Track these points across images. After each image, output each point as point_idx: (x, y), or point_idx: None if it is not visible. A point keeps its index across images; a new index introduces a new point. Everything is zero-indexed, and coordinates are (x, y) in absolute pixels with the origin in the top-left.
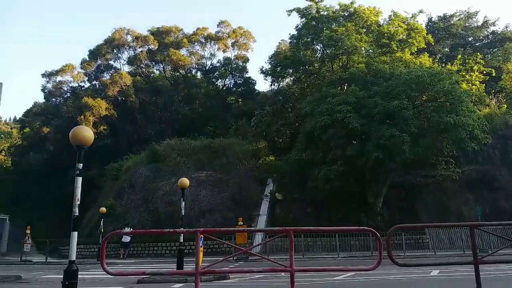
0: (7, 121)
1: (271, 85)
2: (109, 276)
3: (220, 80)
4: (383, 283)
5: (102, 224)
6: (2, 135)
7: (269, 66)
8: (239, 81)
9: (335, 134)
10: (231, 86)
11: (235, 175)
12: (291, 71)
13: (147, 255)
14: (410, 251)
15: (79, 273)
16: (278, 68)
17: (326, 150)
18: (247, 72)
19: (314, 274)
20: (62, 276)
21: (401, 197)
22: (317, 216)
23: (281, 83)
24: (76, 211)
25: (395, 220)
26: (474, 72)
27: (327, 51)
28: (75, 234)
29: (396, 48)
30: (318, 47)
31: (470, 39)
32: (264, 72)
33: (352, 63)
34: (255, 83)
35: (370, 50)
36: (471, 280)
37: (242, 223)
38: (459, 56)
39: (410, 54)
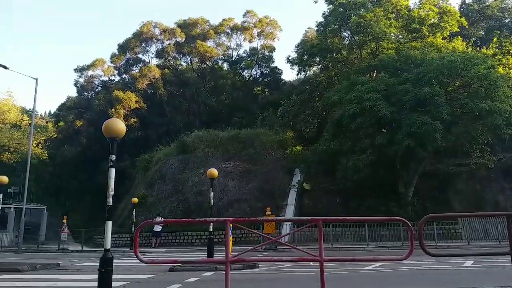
0: (43, 116)
1: (297, 74)
2: (142, 264)
3: (246, 71)
4: (415, 273)
5: (134, 214)
6: (38, 129)
7: (296, 55)
8: (265, 71)
9: (364, 123)
10: (257, 76)
11: (263, 165)
12: (318, 59)
13: (178, 244)
14: (442, 242)
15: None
16: (305, 57)
17: (355, 139)
18: (273, 61)
19: (343, 264)
20: (97, 264)
21: (433, 186)
22: (345, 206)
23: (308, 72)
24: (110, 201)
25: (426, 210)
26: (511, 55)
27: (355, 38)
28: (110, 223)
29: (427, 33)
30: (346, 34)
31: (506, 21)
32: (291, 61)
33: (381, 50)
34: (282, 72)
35: (400, 36)
36: (507, 271)
37: (270, 213)
38: (495, 39)
39: (442, 39)
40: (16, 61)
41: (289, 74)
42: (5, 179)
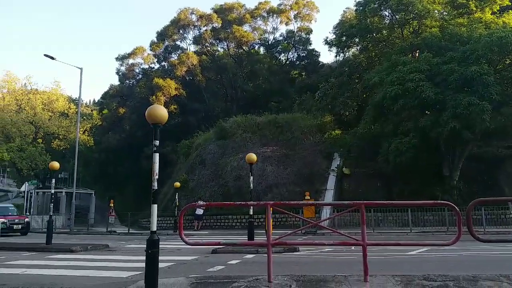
0: (88, 104)
1: (336, 56)
2: (186, 246)
3: (283, 54)
4: (463, 259)
5: (177, 197)
6: (84, 117)
7: (334, 36)
8: (302, 54)
9: (406, 105)
10: (294, 59)
11: (301, 150)
12: (357, 40)
13: (219, 227)
14: (491, 227)
15: None
16: (344, 38)
17: (396, 122)
18: (310, 44)
19: (386, 249)
20: (143, 245)
21: (480, 170)
22: (387, 190)
23: (347, 54)
24: (155, 185)
25: (473, 194)
26: None
27: (396, 16)
28: (155, 206)
29: (474, 8)
30: (387, 13)
31: None
32: (329, 43)
33: (424, 28)
34: (319, 55)
35: (445, 13)
36: None
37: (309, 198)
38: None
39: (491, 14)
40: (62, 52)
41: (327, 56)
42: (56, 165)
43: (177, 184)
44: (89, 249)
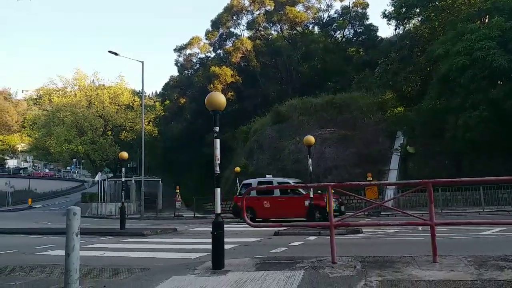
0: (150, 96)
1: (395, 29)
2: (249, 228)
3: (338, 32)
4: None
5: (238, 182)
6: (147, 109)
7: (392, 9)
8: (359, 30)
9: (475, 76)
10: (351, 36)
11: (361, 130)
12: (418, 10)
13: None
14: None
15: None
16: (403, 9)
17: (464, 95)
18: (367, 19)
19: (456, 229)
20: (209, 228)
21: None
22: (456, 168)
23: (407, 26)
24: (218, 169)
25: None
26: None
27: None
28: (218, 190)
29: None
30: None
31: None
32: (387, 16)
33: None
34: (377, 29)
35: None
36: None
37: (371, 179)
38: None
39: None
40: (124, 47)
41: (386, 30)
42: (125, 154)
43: (237, 169)
44: (159, 233)
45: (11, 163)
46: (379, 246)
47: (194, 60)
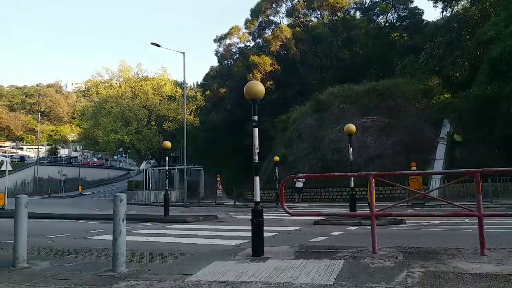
0: (192, 87)
1: (442, 11)
2: (288, 217)
3: (381, 17)
4: None
5: (277, 171)
6: (189, 99)
7: None
8: (403, 14)
9: None
10: (394, 21)
11: (405, 118)
12: None
13: (319, 200)
14: None
15: None
16: None
17: None
18: (412, 2)
19: (505, 220)
20: (249, 216)
21: None
22: (507, 157)
23: (455, 8)
24: (256, 158)
25: None
26: None
27: None
28: (257, 178)
29: None
30: None
31: None
32: None
33: None
34: (422, 13)
35: None
36: None
37: (415, 169)
38: None
39: None
40: (166, 39)
41: (432, 13)
42: (168, 144)
43: (276, 158)
44: (201, 220)
45: (63, 152)
46: (423, 237)
47: (234, 50)
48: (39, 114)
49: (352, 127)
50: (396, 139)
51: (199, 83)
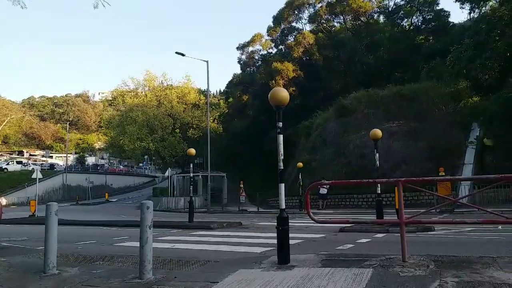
0: (215, 94)
1: (469, 13)
2: (313, 224)
3: (405, 20)
4: None
5: (300, 177)
6: (212, 106)
7: None
8: (428, 17)
9: None
10: (419, 24)
11: (432, 122)
12: None
13: (343, 206)
14: None
15: None
16: None
17: None
18: (437, 4)
19: None
20: (273, 223)
21: None
22: None
23: (484, 8)
24: (281, 165)
25: None
26: None
27: None
28: (282, 185)
29: None
30: None
31: None
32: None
33: None
34: (449, 15)
35: None
36: None
37: (443, 174)
38: None
39: None
40: (189, 47)
41: (458, 15)
42: (193, 151)
43: (300, 164)
44: (225, 226)
45: (90, 160)
46: (454, 245)
47: (256, 57)
48: (67, 123)
49: (378, 132)
50: (423, 144)
51: (222, 91)
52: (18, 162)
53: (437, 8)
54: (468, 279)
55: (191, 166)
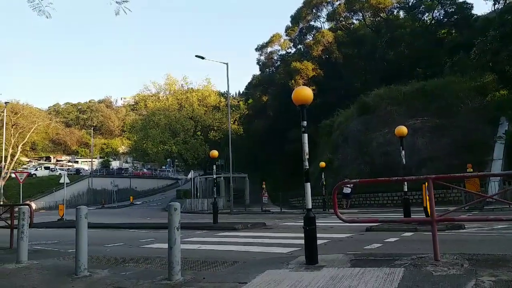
0: (235, 96)
1: (494, 4)
2: (338, 223)
3: (427, 14)
4: None
5: (323, 177)
6: (233, 108)
7: None
8: (450, 10)
9: None
10: (441, 17)
11: (457, 117)
12: None
13: (368, 205)
14: None
15: None
16: None
17: None
18: None
19: None
20: (297, 223)
21: None
22: None
23: None
24: (306, 164)
25: None
26: None
27: None
28: (308, 185)
29: None
30: None
31: None
32: None
33: None
34: (472, 7)
35: None
36: None
37: (471, 170)
38: None
39: None
40: (208, 49)
41: (482, 6)
42: (216, 153)
43: (322, 164)
44: (249, 227)
45: (114, 164)
46: (487, 243)
47: (275, 58)
48: (91, 128)
49: (403, 129)
50: (449, 140)
51: (242, 92)
52: (46, 168)
53: (459, 0)
54: (506, 278)
55: (214, 167)
